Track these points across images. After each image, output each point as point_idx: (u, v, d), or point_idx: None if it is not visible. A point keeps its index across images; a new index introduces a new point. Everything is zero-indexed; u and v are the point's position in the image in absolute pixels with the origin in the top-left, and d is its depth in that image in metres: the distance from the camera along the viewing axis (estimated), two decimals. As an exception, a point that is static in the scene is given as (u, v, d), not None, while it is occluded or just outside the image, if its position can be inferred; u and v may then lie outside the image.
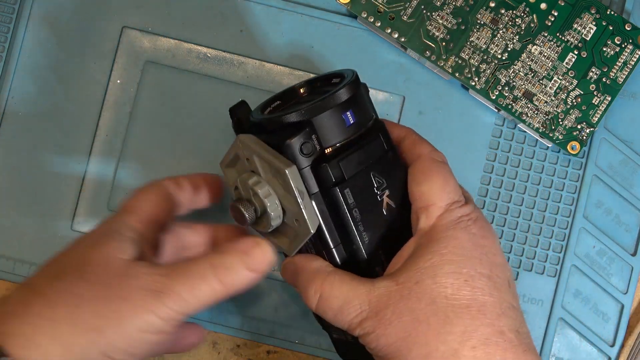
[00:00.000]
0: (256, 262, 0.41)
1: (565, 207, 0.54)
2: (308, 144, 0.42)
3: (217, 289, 0.40)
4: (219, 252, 0.41)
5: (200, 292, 0.40)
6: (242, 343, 0.53)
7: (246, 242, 0.42)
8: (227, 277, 0.41)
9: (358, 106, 0.43)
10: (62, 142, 0.54)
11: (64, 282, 0.39)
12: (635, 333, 0.53)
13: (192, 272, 0.40)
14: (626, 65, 0.53)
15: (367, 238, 0.43)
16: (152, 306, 0.39)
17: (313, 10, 0.55)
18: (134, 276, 0.40)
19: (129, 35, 0.54)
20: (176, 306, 0.39)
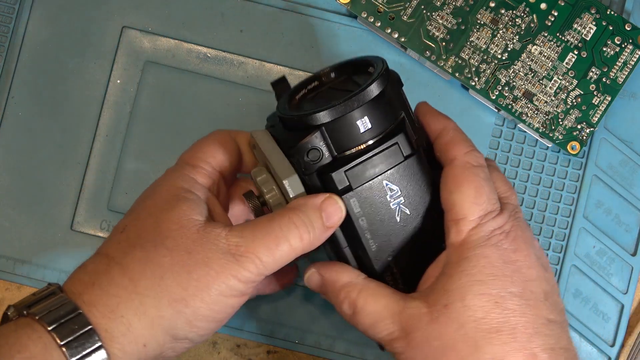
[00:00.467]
0: (332, 217, 0.40)
1: (565, 207, 0.54)
2: (315, 151, 0.40)
3: (297, 247, 0.40)
4: (297, 210, 0.40)
5: (280, 252, 0.39)
6: (242, 343, 0.53)
7: (320, 197, 0.40)
8: (308, 235, 0.40)
9: (377, 111, 0.41)
10: (62, 142, 0.54)
11: (143, 251, 0.39)
12: (635, 333, 0.53)
13: (273, 233, 0.39)
14: (626, 65, 0.53)
15: (375, 247, 0.42)
16: (233, 270, 0.38)
17: (313, 10, 0.55)
18: (213, 240, 0.39)
19: (129, 35, 0.54)
20: (256, 269, 0.39)
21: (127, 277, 0.38)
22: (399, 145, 0.41)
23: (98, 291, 0.38)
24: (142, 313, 0.38)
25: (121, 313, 0.38)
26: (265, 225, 0.40)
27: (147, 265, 0.39)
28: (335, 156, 0.41)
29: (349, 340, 0.53)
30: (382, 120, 0.41)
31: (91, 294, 0.38)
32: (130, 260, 0.39)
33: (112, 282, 0.38)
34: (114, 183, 0.54)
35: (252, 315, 0.53)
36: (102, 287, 0.38)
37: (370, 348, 0.53)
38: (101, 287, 0.38)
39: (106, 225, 0.54)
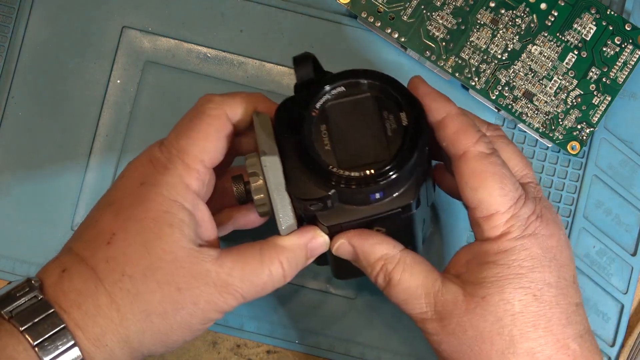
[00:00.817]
0: (315, 251, 0.41)
1: (565, 207, 0.54)
2: (319, 204, 0.40)
3: (279, 285, 0.41)
4: (286, 253, 0.40)
5: (263, 287, 0.40)
6: (242, 343, 0.53)
7: (308, 236, 0.41)
8: (290, 273, 0.41)
9: (393, 186, 0.39)
10: (62, 142, 0.54)
11: (133, 283, 0.38)
12: (635, 333, 0.53)
13: (262, 277, 0.40)
14: (626, 65, 0.53)
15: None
16: (217, 306, 0.39)
17: (313, 10, 0.55)
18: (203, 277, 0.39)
19: (129, 35, 0.54)
20: (237, 303, 0.40)
21: (114, 309, 0.38)
22: (401, 211, 0.40)
23: (84, 316, 0.38)
24: (124, 345, 0.38)
25: (106, 342, 0.38)
26: (255, 267, 0.40)
27: (136, 301, 0.38)
28: (338, 205, 0.40)
29: (349, 340, 0.53)
30: (394, 188, 0.40)
31: (77, 316, 0.38)
32: (119, 291, 0.38)
33: (100, 311, 0.38)
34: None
35: (252, 315, 0.53)
36: (89, 313, 0.38)
37: (371, 348, 0.53)
38: (87, 313, 0.38)
39: (106, 225, 0.54)
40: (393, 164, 0.39)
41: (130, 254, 0.38)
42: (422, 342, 0.53)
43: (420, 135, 0.39)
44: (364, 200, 0.40)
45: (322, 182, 0.39)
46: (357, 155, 0.40)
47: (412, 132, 0.39)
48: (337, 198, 0.39)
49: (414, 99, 0.41)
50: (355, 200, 0.40)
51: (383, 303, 0.53)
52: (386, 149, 0.40)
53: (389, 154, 0.40)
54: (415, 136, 0.39)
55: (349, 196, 0.39)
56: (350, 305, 0.53)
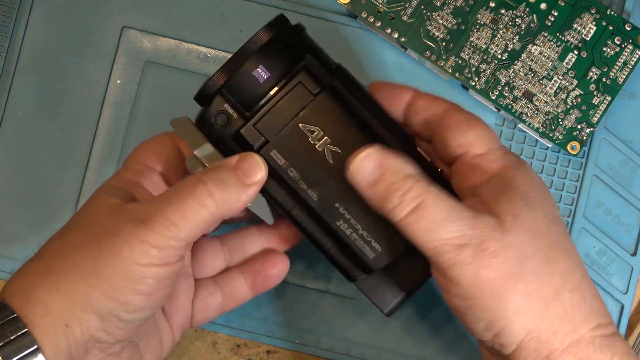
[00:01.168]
0: (250, 173, 0.39)
1: (565, 207, 0.54)
2: (222, 115, 0.40)
3: (209, 206, 0.38)
4: (207, 170, 0.39)
5: (191, 212, 0.37)
6: (242, 343, 0.54)
7: (234, 157, 0.39)
8: (219, 192, 0.38)
9: (273, 57, 0.40)
10: (62, 142, 0.54)
11: (59, 238, 0.39)
12: (635, 333, 0.53)
13: (179, 194, 0.38)
14: (626, 65, 0.53)
15: (315, 194, 0.41)
16: (142, 236, 0.37)
17: (313, 10, 0.55)
18: (124, 213, 0.38)
19: (129, 35, 0.54)
20: (168, 232, 0.37)
21: (42, 262, 0.38)
22: (303, 85, 0.40)
23: (16, 281, 0.38)
24: (55, 291, 0.37)
25: (36, 295, 0.37)
26: (173, 189, 0.38)
27: (61, 247, 0.38)
28: (245, 115, 0.40)
29: (349, 340, 0.53)
30: (281, 65, 0.40)
31: (11, 286, 0.38)
32: (47, 249, 0.39)
33: (28, 269, 0.38)
34: (114, 183, 0.54)
35: (252, 315, 0.53)
36: (20, 277, 0.38)
37: (370, 348, 0.53)
38: (19, 277, 0.38)
39: (106, 225, 0.54)
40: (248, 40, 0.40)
41: (66, 224, 0.40)
42: (422, 342, 0.53)
43: (273, 22, 0.42)
44: (257, 88, 0.40)
45: (210, 96, 0.40)
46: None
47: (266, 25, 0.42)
48: (236, 105, 0.40)
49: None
50: (251, 93, 0.40)
51: (383, 303, 0.53)
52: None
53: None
54: (268, 24, 0.42)
55: (240, 91, 0.40)
56: (350, 305, 0.53)
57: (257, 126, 0.40)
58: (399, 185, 0.38)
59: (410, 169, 0.39)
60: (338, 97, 0.41)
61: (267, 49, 0.40)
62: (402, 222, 0.38)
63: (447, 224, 0.37)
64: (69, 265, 0.37)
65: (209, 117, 0.40)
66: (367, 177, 0.39)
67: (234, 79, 0.40)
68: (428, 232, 0.37)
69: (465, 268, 0.37)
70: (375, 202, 0.39)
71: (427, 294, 0.53)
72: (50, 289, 0.37)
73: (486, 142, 0.40)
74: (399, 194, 0.38)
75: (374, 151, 0.39)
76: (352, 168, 0.39)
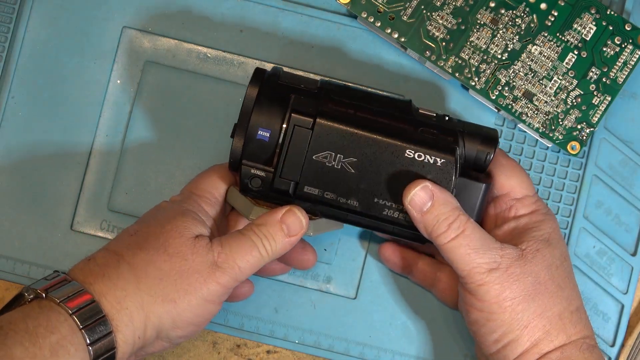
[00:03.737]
0: (292, 228, 0.47)
1: (565, 207, 0.54)
2: (255, 179, 0.47)
3: (265, 255, 0.46)
4: (259, 224, 0.47)
5: (253, 259, 0.46)
6: (242, 343, 0.54)
7: (280, 212, 0.47)
8: (270, 246, 0.46)
9: (265, 113, 0.46)
10: (62, 142, 0.54)
11: (147, 254, 0.45)
12: (635, 333, 0.53)
13: (246, 244, 0.46)
14: (626, 65, 0.53)
15: (354, 201, 0.47)
16: (216, 277, 0.45)
17: (313, 10, 0.55)
18: (203, 251, 0.45)
19: (129, 35, 0.54)
20: (234, 274, 0.45)
21: (133, 274, 0.44)
22: (298, 125, 0.46)
23: (108, 283, 0.43)
24: (141, 308, 0.43)
25: (126, 305, 0.43)
26: (239, 238, 0.46)
27: (150, 266, 0.44)
28: (270, 170, 0.46)
29: (348, 340, 0.53)
30: (273, 118, 0.46)
31: (102, 285, 0.43)
32: (138, 261, 0.44)
33: (121, 276, 0.44)
34: (114, 183, 0.54)
35: (252, 315, 0.53)
36: (112, 280, 0.43)
37: (370, 348, 0.53)
38: (111, 279, 0.43)
39: (106, 226, 0.54)
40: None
41: (148, 235, 0.46)
42: (422, 342, 0.53)
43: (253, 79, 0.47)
44: (268, 145, 0.46)
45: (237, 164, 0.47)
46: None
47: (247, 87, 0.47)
48: (261, 166, 0.46)
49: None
50: (265, 151, 0.46)
51: (383, 303, 0.53)
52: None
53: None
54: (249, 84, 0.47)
55: (257, 153, 0.46)
56: (350, 305, 0.53)
57: (282, 176, 0.46)
58: (447, 215, 0.46)
59: (455, 202, 0.46)
60: (331, 116, 0.46)
61: (259, 110, 0.46)
62: (446, 246, 0.46)
63: (482, 251, 0.46)
64: (156, 288, 0.44)
65: (245, 184, 0.47)
66: (420, 205, 0.46)
67: (247, 148, 0.46)
68: (466, 256, 0.46)
69: (492, 287, 0.45)
70: (425, 227, 0.46)
71: (428, 296, 0.53)
72: (136, 303, 0.43)
73: (524, 189, 0.49)
74: (447, 223, 0.46)
75: (429, 184, 0.46)
76: (410, 196, 0.46)
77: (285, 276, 0.54)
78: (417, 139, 0.46)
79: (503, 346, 0.46)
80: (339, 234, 0.54)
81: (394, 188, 0.46)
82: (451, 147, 0.46)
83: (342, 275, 0.54)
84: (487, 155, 0.47)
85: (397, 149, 0.46)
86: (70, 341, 0.41)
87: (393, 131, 0.46)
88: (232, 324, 0.53)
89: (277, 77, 0.47)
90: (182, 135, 0.54)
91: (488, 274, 0.45)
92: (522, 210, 0.48)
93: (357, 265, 0.54)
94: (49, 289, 0.42)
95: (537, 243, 0.47)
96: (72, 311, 0.41)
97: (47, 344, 0.40)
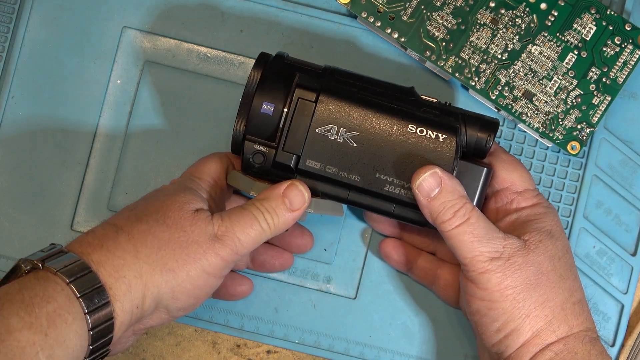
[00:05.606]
0: (294, 202, 0.46)
1: (565, 207, 0.54)
2: (257, 155, 0.47)
3: (266, 229, 0.46)
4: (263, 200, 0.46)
5: (254, 232, 0.46)
6: (242, 343, 0.54)
7: (282, 186, 0.47)
8: (272, 219, 0.46)
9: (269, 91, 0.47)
10: (62, 142, 0.54)
11: (147, 224, 0.45)
12: (635, 333, 0.53)
13: (247, 217, 0.46)
14: (626, 65, 0.53)
15: (356, 176, 0.47)
16: (216, 249, 0.45)
17: (313, 10, 0.55)
18: (204, 223, 0.45)
19: (129, 35, 0.54)
20: (235, 247, 0.45)
21: (131, 244, 0.44)
22: (302, 98, 0.46)
23: (106, 253, 0.43)
24: (139, 277, 0.43)
25: (124, 274, 0.43)
26: (240, 212, 0.46)
27: (149, 236, 0.44)
28: (273, 145, 0.47)
29: (348, 340, 0.53)
30: (278, 93, 0.47)
31: (100, 254, 0.43)
32: (136, 231, 0.44)
33: (119, 246, 0.43)
34: (114, 183, 0.54)
35: (252, 315, 0.53)
36: (110, 249, 0.43)
37: (370, 348, 0.53)
38: (108, 249, 0.43)
39: (106, 225, 0.54)
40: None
41: (147, 209, 0.46)
42: (422, 342, 0.53)
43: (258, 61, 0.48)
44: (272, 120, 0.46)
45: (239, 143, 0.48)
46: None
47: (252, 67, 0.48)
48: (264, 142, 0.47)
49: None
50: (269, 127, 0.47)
51: (383, 303, 0.53)
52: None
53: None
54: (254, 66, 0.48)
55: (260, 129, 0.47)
56: (350, 305, 0.53)
57: (285, 149, 0.46)
58: (454, 203, 0.46)
59: (463, 190, 0.47)
60: (335, 92, 0.47)
61: (262, 87, 0.47)
62: (450, 232, 0.46)
63: (485, 240, 0.46)
64: (155, 257, 0.44)
65: (247, 160, 0.47)
66: (428, 191, 0.46)
67: (250, 123, 0.47)
68: (470, 243, 0.46)
69: (494, 275, 0.46)
70: (430, 213, 0.46)
71: (428, 296, 0.53)
72: (135, 272, 0.43)
73: (525, 183, 0.49)
74: (453, 210, 0.46)
75: (438, 171, 0.46)
76: (418, 181, 0.46)
77: (286, 276, 0.54)
78: (419, 117, 0.47)
79: (505, 336, 0.46)
80: (339, 234, 0.54)
81: (395, 163, 0.47)
82: (453, 126, 0.46)
83: (342, 275, 0.54)
84: (487, 140, 0.47)
85: (400, 124, 0.46)
86: (68, 310, 0.40)
87: (396, 108, 0.47)
88: (232, 324, 0.53)
89: (283, 58, 0.48)
90: (182, 135, 0.54)
91: (490, 262, 0.46)
92: (524, 203, 0.49)
93: (357, 265, 0.54)
94: (46, 259, 0.42)
95: (540, 234, 0.47)
96: (69, 280, 0.41)
97: (44, 313, 0.39)
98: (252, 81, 0.47)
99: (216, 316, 0.53)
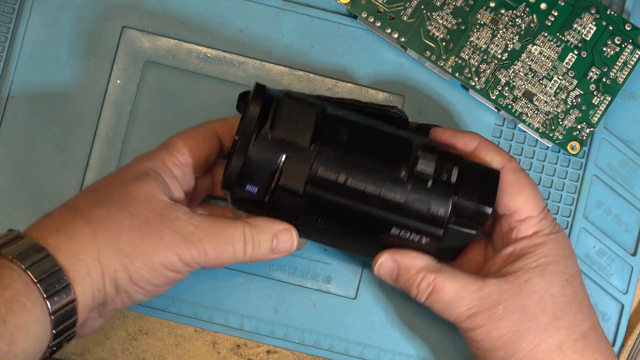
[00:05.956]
0: (281, 246, 0.46)
1: (565, 207, 0.54)
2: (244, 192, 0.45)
3: (239, 257, 0.45)
4: (253, 226, 0.45)
5: (224, 254, 0.44)
6: (242, 343, 0.54)
7: (279, 226, 0.46)
8: (252, 251, 0.45)
9: (253, 174, 0.44)
10: (62, 142, 0.54)
11: (107, 209, 0.43)
12: (635, 333, 0.53)
13: (224, 235, 0.44)
14: (626, 65, 0.53)
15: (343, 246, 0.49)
16: (179, 250, 0.43)
17: (313, 10, 0.55)
18: (172, 219, 0.44)
19: (129, 35, 0.54)
20: (198, 257, 0.44)
21: (89, 227, 0.43)
22: (286, 190, 0.44)
23: (63, 236, 0.42)
24: (97, 260, 0.42)
25: (82, 257, 0.42)
26: (221, 227, 0.45)
27: (108, 221, 0.43)
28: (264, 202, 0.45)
29: (348, 340, 0.53)
30: (262, 177, 0.44)
31: (56, 238, 0.42)
32: (95, 215, 0.43)
33: (76, 229, 0.43)
34: (114, 183, 0.54)
35: (252, 315, 0.53)
36: (67, 233, 0.42)
37: (370, 348, 0.53)
38: (66, 233, 0.42)
39: (106, 225, 0.54)
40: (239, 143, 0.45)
41: (109, 194, 0.44)
42: (422, 342, 0.53)
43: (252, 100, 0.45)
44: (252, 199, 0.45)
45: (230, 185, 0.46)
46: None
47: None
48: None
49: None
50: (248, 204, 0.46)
51: (383, 303, 0.53)
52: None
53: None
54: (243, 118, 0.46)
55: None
56: (350, 305, 0.53)
57: (282, 198, 0.45)
58: (413, 280, 0.46)
59: (419, 262, 0.46)
60: (321, 184, 0.45)
61: (249, 167, 0.44)
62: (425, 304, 0.47)
63: (458, 300, 0.45)
64: (113, 242, 0.43)
65: (236, 199, 0.46)
66: (388, 277, 0.47)
67: (235, 193, 0.45)
68: (445, 309, 0.46)
69: (480, 330, 0.45)
70: (403, 290, 0.47)
71: (427, 294, 0.53)
72: (92, 256, 0.42)
73: (528, 210, 0.47)
74: (415, 286, 0.46)
75: (386, 258, 0.46)
76: (376, 270, 0.47)
77: (286, 276, 0.54)
78: (405, 210, 0.45)
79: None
80: (339, 234, 0.54)
81: (376, 250, 0.47)
82: (440, 220, 0.45)
83: (342, 275, 0.54)
84: (482, 216, 0.46)
85: (383, 225, 0.45)
86: (26, 296, 0.40)
87: (382, 204, 0.45)
88: (232, 324, 0.53)
89: (272, 124, 0.45)
90: (182, 135, 0.54)
91: (472, 319, 0.45)
92: (523, 232, 0.47)
93: (357, 265, 0.54)
94: (2, 246, 0.42)
95: (527, 273, 0.45)
96: (25, 266, 0.40)
97: (1, 301, 0.39)
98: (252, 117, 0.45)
99: (216, 316, 0.53)
